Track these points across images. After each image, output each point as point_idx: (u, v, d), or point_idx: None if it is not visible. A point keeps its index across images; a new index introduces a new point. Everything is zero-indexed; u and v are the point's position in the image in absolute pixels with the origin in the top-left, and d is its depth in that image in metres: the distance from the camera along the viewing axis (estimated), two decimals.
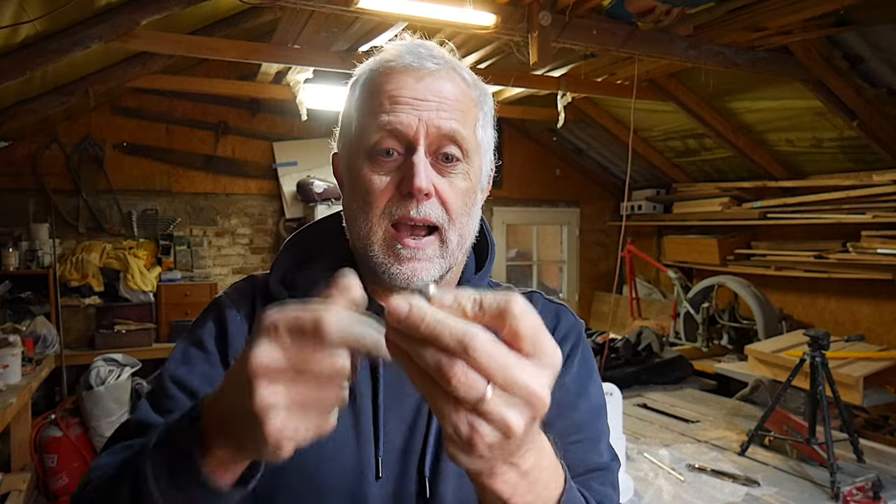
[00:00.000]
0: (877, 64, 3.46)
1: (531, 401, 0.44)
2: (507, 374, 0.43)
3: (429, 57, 0.74)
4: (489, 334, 0.43)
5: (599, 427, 0.84)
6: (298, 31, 3.32)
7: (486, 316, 0.44)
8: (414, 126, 0.72)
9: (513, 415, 0.43)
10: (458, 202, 0.75)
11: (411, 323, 0.43)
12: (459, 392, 0.42)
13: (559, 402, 0.82)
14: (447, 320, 0.42)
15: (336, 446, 0.76)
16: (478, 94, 0.79)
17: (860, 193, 4.17)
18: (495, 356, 0.42)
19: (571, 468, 0.76)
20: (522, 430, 0.44)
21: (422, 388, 0.45)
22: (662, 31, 3.27)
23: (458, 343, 0.42)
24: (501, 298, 0.44)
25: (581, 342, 0.88)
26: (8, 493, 3.04)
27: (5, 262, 4.21)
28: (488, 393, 0.42)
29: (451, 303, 0.45)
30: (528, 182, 6.17)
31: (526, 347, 0.44)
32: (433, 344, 0.42)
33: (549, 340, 0.46)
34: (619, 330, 5.23)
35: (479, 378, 0.42)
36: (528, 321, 0.44)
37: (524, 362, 0.44)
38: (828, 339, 2.51)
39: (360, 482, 0.76)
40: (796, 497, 2.08)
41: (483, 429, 0.43)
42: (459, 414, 0.43)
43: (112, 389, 3.80)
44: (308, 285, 0.81)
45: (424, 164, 0.72)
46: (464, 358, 0.42)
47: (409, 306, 0.43)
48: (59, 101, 3.79)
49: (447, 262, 0.76)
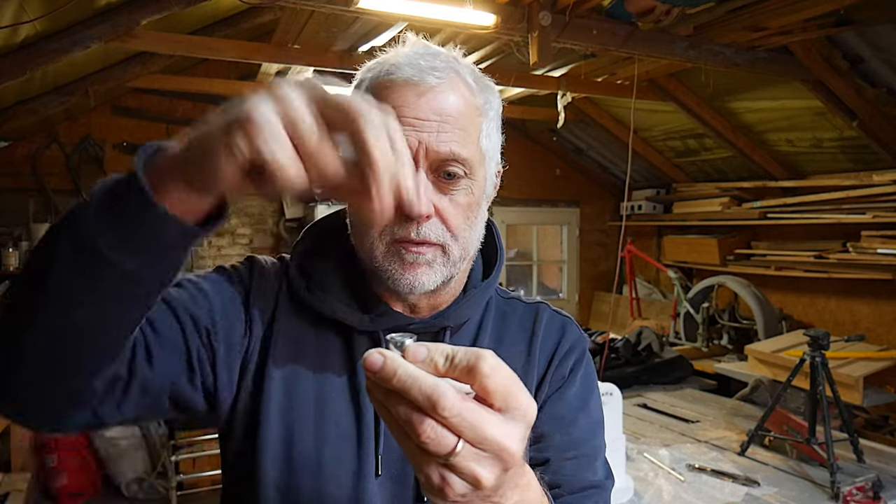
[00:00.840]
0: (877, 64, 3.46)
1: (501, 455, 0.45)
2: (476, 431, 0.44)
3: (430, 70, 0.72)
4: (461, 391, 0.44)
5: (597, 444, 0.85)
6: (298, 31, 3.32)
7: (457, 372, 0.45)
8: (414, 148, 0.70)
9: (482, 469, 0.45)
10: (460, 219, 0.75)
11: (384, 376, 0.44)
12: (429, 447, 0.43)
13: (560, 417, 0.84)
14: (418, 376, 0.44)
15: (337, 443, 0.77)
16: (483, 101, 0.77)
17: (860, 193, 4.17)
18: (464, 414, 0.43)
19: (567, 485, 0.78)
20: (493, 482, 0.45)
21: (396, 436, 0.46)
22: (662, 31, 3.27)
23: (427, 400, 0.43)
24: (472, 355, 0.45)
25: (584, 357, 0.88)
26: (8, 493, 3.04)
27: (5, 262, 4.21)
28: (458, 447, 0.44)
29: (424, 357, 0.45)
30: (528, 182, 6.17)
31: (497, 403, 0.45)
32: (404, 398, 0.44)
33: (521, 394, 0.46)
34: (619, 330, 5.23)
35: (448, 434, 0.43)
36: (498, 378, 0.45)
37: (495, 418, 0.45)
38: (828, 339, 2.51)
39: (360, 479, 0.77)
40: (796, 497, 2.08)
41: (454, 481, 0.45)
42: (431, 466, 0.45)
43: None
44: (322, 279, 0.82)
45: (424, 186, 0.72)
46: (432, 415, 0.43)
47: (382, 360, 0.44)
48: (59, 101, 3.79)
49: (449, 270, 0.76)
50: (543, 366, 0.85)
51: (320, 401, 0.78)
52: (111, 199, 0.54)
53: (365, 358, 0.45)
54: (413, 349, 0.46)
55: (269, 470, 0.76)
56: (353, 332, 0.80)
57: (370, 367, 0.44)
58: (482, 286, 0.86)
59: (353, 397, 0.79)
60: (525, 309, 0.90)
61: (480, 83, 0.79)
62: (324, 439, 0.77)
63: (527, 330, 0.87)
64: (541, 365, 0.85)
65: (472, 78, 0.77)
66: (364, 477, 0.77)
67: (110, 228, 0.53)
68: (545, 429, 0.80)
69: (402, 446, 0.46)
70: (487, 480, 0.45)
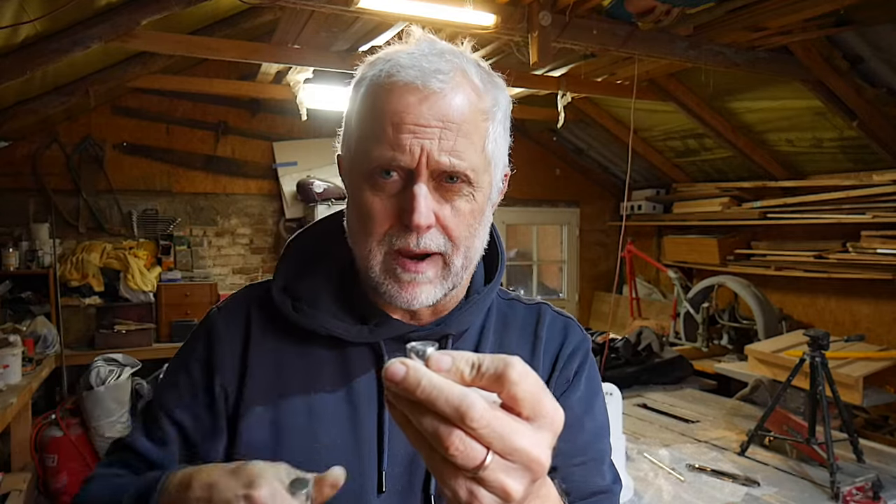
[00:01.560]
0: (877, 64, 3.46)
1: (531, 466, 0.43)
2: (505, 441, 0.42)
3: (434, 73, 0.69)
4: (487, 400, 0.43)
5: (603, 448, 0.84)
6: (298, 31, 3.32)
7: (484, 380, 0.43)
8: (416, 156, 0.68)
9: (512, 481, 0.43)
10: (462, 227, 0.72)
11: (407, 387, 0.42)
12: (457, 460, 0.42)
13: (565, 423, 0.82)
14: (444, 386, 0.42)
15: (341, 457, 0.75)
16: (490, 104, 0.74)
17: (860, 193, 4.17)
18: (493, 424, 0.42)
19: (576, 491, 0.76)
20: (522, 493, 0.44)
21: (420, 449, 0.45)
22: (662, 31, 3.27)
23: (455, 411, 0.41)
24: (500, 362, 0.43)
25: (588, 359, 0.87)
26: (8, 493, 3.04)
27: (5, 262, 4.21)
28: (487, 459, 0.42)
29: (449, 366, 0.43)
30: (528, 182, 6.17)
31: (525, 412, 0.44)
32: (430, 410, 0.42)
33: (549, 402, 0.45)
34: (619, 330, 5.23)
35: (477, 446, 0.42)
36: (527, 385, 0.43)
37: (524, 427, 0.43)
38: (828, 339, 2.51)
39: (364, 495, 0.75)
40: (796, 497, 2.08)
41: (481, 494, 0.43)
42: (458, 480, 0.43)
43: (112, 389, 3.79)
44: (310, 295, 0.80)
45: (425, 195, 0.69)
46: (461, 426, 0.41)
47: (405, 370, 0.42)
48: (59, 101, 3.79)
49: (450, 282, 0.74)
50: (548, 369, 0.84)
51: (313, 420, 0.77)
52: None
53: (386, 368, 0.43)
54: (436, 358, 0.44)
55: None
56: (346, 345, 0.79)
57: (392, 377, 0.42)
58: (484, 291, 0.83)
59: (349, 413, 0.77)
60: (526, 311, 0.88)
61: (488, 82, 0.75)
62: (318, 460, 0.74)
63: (529, 333, 0.85)
64: (545, 368, 0.83)
65: (479, 77, 0.74)
66: (366, 494, 0.75)
67: None
68: None
69: (427, 460, 0.45)
70: (517, 493, 0.43)
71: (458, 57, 0.73)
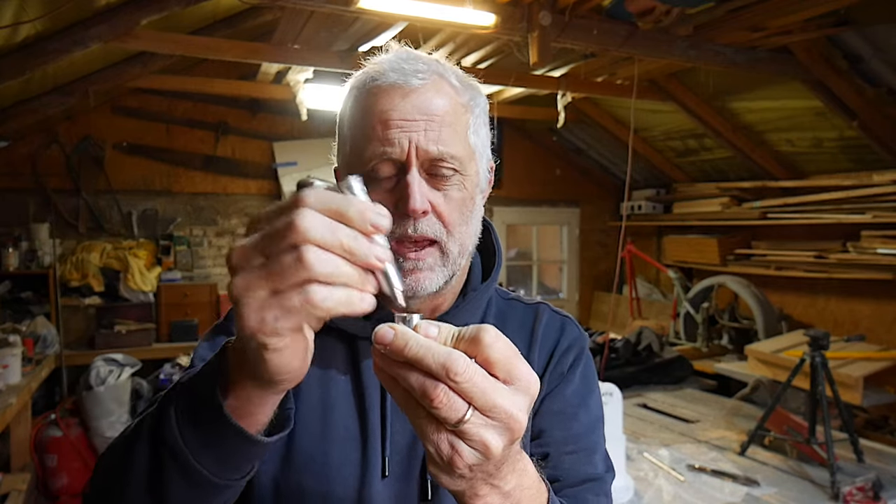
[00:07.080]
0: (877, 64, 3.46)
1: (509, 424, 0.46)
2: (486, 397, 0.45)
3: (413, 73, 0.75)
4: (470, 360, 0.46)
5: (596, 439, 0.86)
6: (298, 31, 3.32)
7: (461, 345, 0.47)
8: (405, 149, 0.73)
9: (491, 436, 0.46)
10: (455, 214, 0.77)
11: (396, 347, 0.46)
12: (441, 413, 0.45)
13: (559, 413, 0.85)
14: (430, 345, 0.46)
15: (343, 445, 0.79)
16: (468, 99, 0.79)
17: (860, 193, 4.17)
18: (476, 380, 0.45)
19: (567, 478, 0.79)
20: (501, 451, 0.47)
21: (405, 408, 0.48)
22: (662, 31, 3.27)
23: (441, 366, 0.45)
24: (475, 328, 0.47)
25: (584, 355, 0.89)
26: (8, 493, 3.04)
27: (5, 262, 4.21)
28: (468, 413, 0.45)
29: (435, 334, 0.48)
30: (528, 182, 6.17)
31: (501, 374, 0.47)
32: (417, 367, 0.45)
33: (523, 367, 0.48)
34: (619, 330, 5.23)
35: (459, 400, 0.45)
36: (500, 347, 0.47)
37: (502, 387, 0.47)
38: (828, 339, 2.51)
39: (366, 479, 0.78)
40: (796, 497, 2.08)
41: (463, 449, 0.46)
42: (441, 434, 0.46)
43: (112, 389, 3.80)
44: None
45: (419, 183, 0.73)
46: (446, 381, 0.45)
47: (393, 332, 0.46)
48: (59, 101, 3.79)
49: (449, 269, 0.78)
50: (543, 363, 0.86)
51: (326, 406, 0.81)
52: (191, 410, 0.59)
53: (375, 332, 0.46)
54: (424, 325, 0.48)
55: (276, 465, 0.78)
56: (356, 338, 0.83)
57: (381, 339, 0.46)
58: (481, 288, 0.87)
59: (357, 401, 0.81)
60: (525, 310, 0.91)
61: (465, 83, 0.81)
62: (330, 442, 0.79)
63: (527, 330, 0.88)
64: (540, 363, 0.86)
65: (455, 78, 0.79)
66: (370, 477, 0.78)
67: (203, 451, 0.59)
68: (545, 425, 0.82)
69: (411, 418, 0.48)
70: (496, 448, 0.46)
71: (434, 62, 0.79)
